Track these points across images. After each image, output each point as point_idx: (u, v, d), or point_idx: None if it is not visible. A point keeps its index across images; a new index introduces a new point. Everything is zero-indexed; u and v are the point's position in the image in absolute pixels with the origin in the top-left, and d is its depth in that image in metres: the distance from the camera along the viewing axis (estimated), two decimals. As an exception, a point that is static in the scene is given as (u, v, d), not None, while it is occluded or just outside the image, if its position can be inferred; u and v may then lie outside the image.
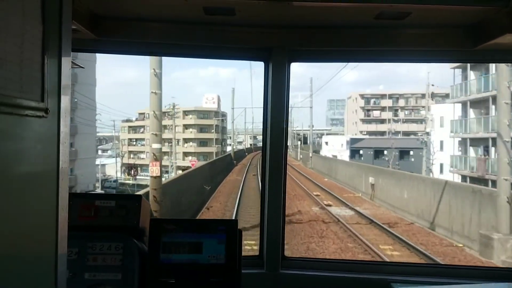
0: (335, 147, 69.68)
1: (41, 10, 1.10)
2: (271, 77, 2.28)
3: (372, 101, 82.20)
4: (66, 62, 1.28)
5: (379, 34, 2.20)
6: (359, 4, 1.87)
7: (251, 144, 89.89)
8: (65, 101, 1.26)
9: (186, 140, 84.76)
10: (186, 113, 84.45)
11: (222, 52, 2.37)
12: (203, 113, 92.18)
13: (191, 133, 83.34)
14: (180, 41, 2.27)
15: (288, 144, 2.52)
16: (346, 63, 26.84)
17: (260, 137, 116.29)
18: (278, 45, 2.22)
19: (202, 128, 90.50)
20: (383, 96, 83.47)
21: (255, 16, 2.02)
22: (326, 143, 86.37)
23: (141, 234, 1.91)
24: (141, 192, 13.26)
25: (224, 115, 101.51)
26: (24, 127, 1.02)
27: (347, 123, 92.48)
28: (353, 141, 61.09)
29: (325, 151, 72.89)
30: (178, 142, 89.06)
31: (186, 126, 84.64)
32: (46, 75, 1.11)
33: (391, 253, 11.69)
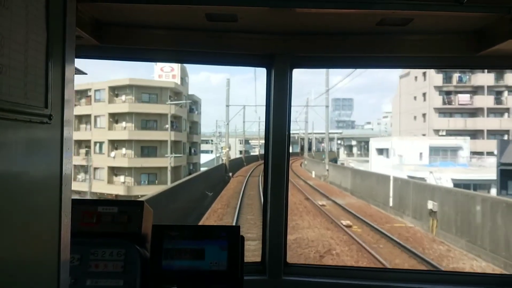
0: (406, 159, 36.86)
1: (45, 17, 1.26)
2: (273, 83, 2.63)
3: (455, 77, 30.86)
4: (69, 69, 1.46)
5: (381, 40, 2.51)
6: (361, 10, 2.14)
7: (241, 152, 74.48)
8: (68, 107, 1.45)
9: (115, 144, 26.66)
10: (115, 91, 28.85)
11: (224, 58, 2.68)
12: (149, 92, 43.49)
13: (125, 131, 25.78)
14: (183, 48, 2.58)
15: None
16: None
17: (253, 142, 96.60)
18: (280, 52, 2.57)
19: (147, 122, 43.43)
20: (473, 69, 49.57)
21: (258, 23, 2.38)
22: (381, 151, 33.45)
23: (143, 240, 2.10)
24: None
25: (195, 101, 53.18)
26: (27, 133, 1.18)
27: (399, 117, 58.21)
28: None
29: (374, 166, 39.75)
30: (100, 146, 29.27)
31: (114, 117, 27.85)
32: (50, 81, 1.27)
33: None
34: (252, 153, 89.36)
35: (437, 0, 2.00)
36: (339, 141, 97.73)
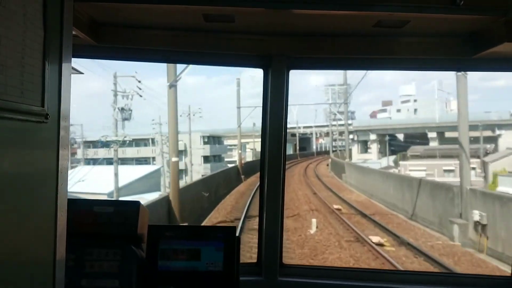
0: None
1: (42, 16, 1.28)
2: (270, 85, 2.64)
3: None
4: (66, 68, 1.49)
5: (378, 42, 2.52)
6: (358, 12, 2.16)
7: (207, 157, 45.69)
8: (65, 106, 1.49)
9: None
10: None
11: (221, 59, 2.68)
12: None
13: None
14: (180, 48, 2.57)
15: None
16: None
17: (231, 142, 67.79)
18: (277, 53, 2.58)
19: None
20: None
21: (255, 24, 2.40)
22: None
23: (139, 240, 2.11)
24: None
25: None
26: (24, 132, 1.21)
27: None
28: None
29: None
30: None
31: None
32: (47, 80, 1.29)
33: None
34: (228, 160, 55.53)
35: (434, 2, 2.03)
36: (350, 136, 70.95)
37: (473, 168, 31.21)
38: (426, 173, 38.91)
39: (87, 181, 26.05)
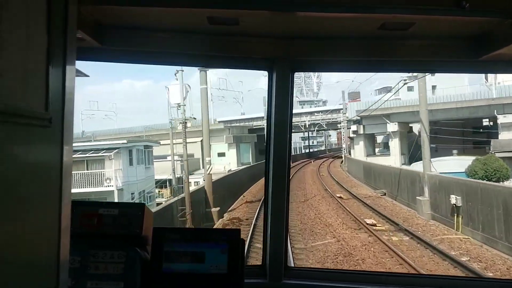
0: None
1: (46, 19, 1.26)
2: (275, 87, 2.64)
3: None
4: (70, 71, 1.48)
5: (383, 44, 2.50)
6: (362, 14, 2.15)
7: None
8: (69, 110, 1.47)
9: None
10: None
11: (226, 61, 2.72)
12: None
13: None
14: (184, 51, 2.59)
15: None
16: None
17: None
18: (281, 55, 2.58)
19: None
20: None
21: (259, 26, 2.39)
22: None
23: (144, 242, 2.12)
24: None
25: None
26: (27, 137, 1.19)
27: None
28: None
29: None
30: None
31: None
32: (50, 84, 1.26)
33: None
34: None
35: (439, 5, 2.01)
36: (352, 127, 48.88)
37: None
38: None
39: None
